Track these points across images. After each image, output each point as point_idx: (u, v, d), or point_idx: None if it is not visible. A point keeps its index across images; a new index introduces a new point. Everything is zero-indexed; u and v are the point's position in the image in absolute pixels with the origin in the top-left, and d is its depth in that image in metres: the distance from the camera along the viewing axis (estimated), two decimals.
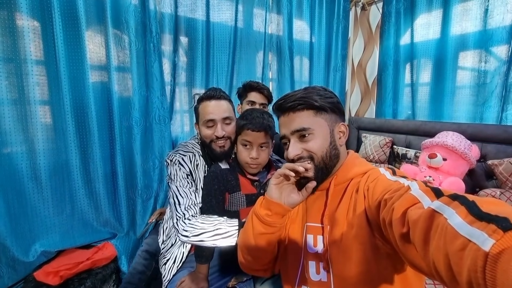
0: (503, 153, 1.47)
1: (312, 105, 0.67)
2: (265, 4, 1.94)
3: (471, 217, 0.34)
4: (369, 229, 0.58)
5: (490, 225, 0.31)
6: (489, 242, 0.29)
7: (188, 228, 0.88)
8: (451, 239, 0.34)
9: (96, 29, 1.42)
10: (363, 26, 2.56)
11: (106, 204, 1.49)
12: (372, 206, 0.56)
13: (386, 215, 0.49)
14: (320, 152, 0.67)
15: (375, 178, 0.62)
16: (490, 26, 1.67)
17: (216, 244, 0.86)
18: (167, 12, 1.61)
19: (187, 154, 1.03)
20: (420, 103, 2.11)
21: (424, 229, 0.39)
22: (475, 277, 0.29)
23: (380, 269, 0.58)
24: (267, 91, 1.38)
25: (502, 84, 1.63)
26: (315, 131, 0.67)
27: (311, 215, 0.72)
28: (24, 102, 1.25)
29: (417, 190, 0.47)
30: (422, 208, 0.42)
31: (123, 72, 1.51)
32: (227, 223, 0.89)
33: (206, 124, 0.98)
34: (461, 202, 0.37)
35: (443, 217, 0.37)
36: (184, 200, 0.94)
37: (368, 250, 0.58)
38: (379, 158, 2.01)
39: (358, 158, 0.74)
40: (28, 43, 1.23)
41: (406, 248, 0.45)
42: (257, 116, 0.93)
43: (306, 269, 0.68)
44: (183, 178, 0.97)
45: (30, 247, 1.27)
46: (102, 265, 1.33)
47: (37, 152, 1.29)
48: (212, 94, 1.00)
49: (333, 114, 0.70)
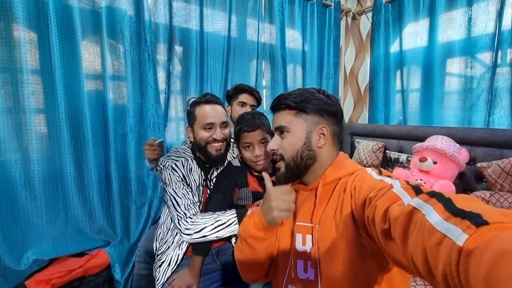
0: (491, 156, 1.50)
1: (290, 106, 0.71)
2: (257, 14, 1.99)
3: (447, 213, 0.35)
4: (355, 228, 0.60)
5: (464, 221, 0.32)
6: (463, 237, 0.30)
7: (190, 226, 0.91)
8: (429, 234, 0.35)
9: (92, 39, 1.45)
10: (354, 35, 2.63)
11: (100, 211, 1.48)
12: (358, 204, 0.57)
13: (370, 213, 0.51)
14: (290, 151, 0.71)
15: (362, 177, 0.63)
16: (474, 33, 1.73)
17: (219, 235, 0.90)
18: (162, 22, 1.65)
19: (179, 159, 1.05)
20: (411, 108, 2.15)
21: (403, 225, 0.40)
22: (449, 270, 0.31)
23: (365, 267, 0.59)
24: (258, 93, 1.42)
25: (487, 89, 1.68)
26: (291, 130, 0.71)
27: (301, 215, 0.73)
28: (19, 110, 1.26)
29: (398, 188, 0.49)
30: (403, 205, 0.43)
31: (118, 80, 1.54)
32: (225, 214, 0.93)
33: (205, 127, 1.01)
34: (438, 199, 0.38)
35: (421, 213, 0.39)
36: (183, 200, 0.97)
37: (354, 249, 0.59)
38: (372, 163, 2.03)
39: (348, 159, 0.75)
40: (25, 53, 1.25)
41: (387, 244, 0.46)
42: (249, 118, 1.00)
43: (294, 268, 0.69)
44: (178, 181, 0.99)
45: (22, 255, 1.26)
46: (95, 273, 1.33)
47: (31, 160, 1.29)
48: (210, 99, 1.05)
49: (316, 116, 0.71)
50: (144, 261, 1.26)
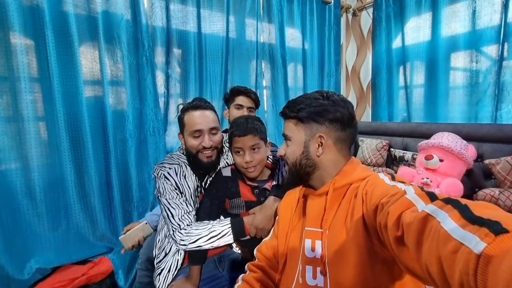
0: (500, 152, 1.46)
1: (290, 116, 0.73)
2: (256, 14, 1.97)
3: (464, 221, 0.34)
4: (366, 233, 0.58)
5: (482, 228, 0.31)
6: (481, 246, 0.29)
7: (185, 237, 0.91)
8: (444, 242, 0.34)
9: (89, 44, 1.44)
10: (355, 31, 2.59)
11: (102, 217, 1.48)
12: (370, 210, 0.56)
13: (382, 219, 0.50)
14: (291, 159, 0.74)
15: (374, 183, 0.62)
16: (479, 26, 1.68)
17: (214, 245, 0.91)
18: (159, 25, 1.64)
19: (172, 167, 1.02)
20: (415, 105, 2.11)
21: (417, 231, 0.39)
22: (466, 280, 0.30)
23: (375, 274, 0.57)
24: (254, 95, 1.39)
25: (494, 83, 1.63)
26: (292, 139, 0.74)
27: (310, 220, 0.72)
28: (18, 119, 1.26)
29: (412, 194, 0.48)
30: (417, 212, 0.42)
31: (117, 85, 1.53)
32: (219, 224, 0.92)
33: (193, 134, 0.98)
34: (454, 206, 0.37)
35: (436, 220, 0.38)
36: (177, 211, 0.95)
37: (364, 254, 0.58)
38: (376, 162, 2.00)
39: (359, 164, 0.74)
40: (22, 61, 1.25)
41: (400, 251, 0.45)
42: (242, 122, 0.96)
43: (303, 274, 0.68)
44: (172, 191, 0.98)
45: (25, 264, 1.26)
46: (98, 281, 1.32)
47: (31, 168, 1.29)
48: (198, 104, 1.00)
49: (315, 124, 0.70)
50: (146, 269, 1.24)
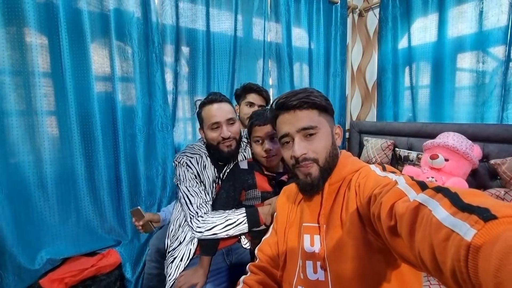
0: (506, 152, 1.46)
1: (317, 105, 0.69)
2: (263, 13, 1.99)
3: (454, 209, 0.35)
4: (361, 225, 0.59)
5: (472, 215, 0.32)
6: (471, 232, 0.30)
7: (201, 224, 0.94)
8: (436, 230, 0.35)
9: (101, 41, 1.47)
10: (361, 31, 2.60)
11: (110, 211, 1.50)
12: (363, 201, 0.57)
13: (375, 210, 0.50)
14: (324, 153, 0.68)
15: (366, 174, 0.63)
16: (486, 27, 1.69)
17: (229, 233, 0.93)
18: (169, 23, 1.66)
19: (194, 156, 1.06)
20: (420, 105, 2.11)
21: (410, 221, 0.40)
22: (458, 266, 0.30)
23: (372, 264, 0.59)
24: (266, 93, 1.41)
25: (501, 84, 1.64)
26: (320, 130, 0.68)
27: (307, 216, 0.73)
28: (31, 113, 1.29)
29: (403, 184, 0.48)
30: (408, 201, 0.43)
31: (127, 82, 1.55)
32: (235, 213, 0.95)
33: (211, 127, 1.02)
34: (445, 194, 0.38)
35: (427, 209, 0.38)
36: (195, 199, 0.98)
37: (361, 246, 0.59)
38: (381, 161, 2.00)
39: (351, 157, 0.75)
40: (36, 56, 1.27)
41: (394, 241, 0.46)
42: (261, 113, 1.03)
43: (304, 269, 0.69)
44: (192, 179, 1.01)
45: (36, 255, 1.29)
46: (107, 272, 1.34)
47: (43, 161, 1.32)
48: (214, 98, 1.05)
49: (331, 116, 0.74)
50: (155, 260, 1.27)
